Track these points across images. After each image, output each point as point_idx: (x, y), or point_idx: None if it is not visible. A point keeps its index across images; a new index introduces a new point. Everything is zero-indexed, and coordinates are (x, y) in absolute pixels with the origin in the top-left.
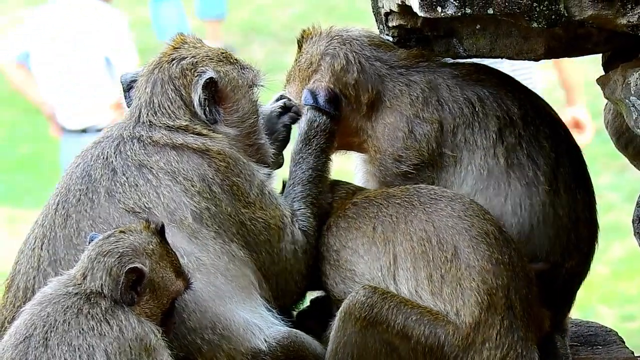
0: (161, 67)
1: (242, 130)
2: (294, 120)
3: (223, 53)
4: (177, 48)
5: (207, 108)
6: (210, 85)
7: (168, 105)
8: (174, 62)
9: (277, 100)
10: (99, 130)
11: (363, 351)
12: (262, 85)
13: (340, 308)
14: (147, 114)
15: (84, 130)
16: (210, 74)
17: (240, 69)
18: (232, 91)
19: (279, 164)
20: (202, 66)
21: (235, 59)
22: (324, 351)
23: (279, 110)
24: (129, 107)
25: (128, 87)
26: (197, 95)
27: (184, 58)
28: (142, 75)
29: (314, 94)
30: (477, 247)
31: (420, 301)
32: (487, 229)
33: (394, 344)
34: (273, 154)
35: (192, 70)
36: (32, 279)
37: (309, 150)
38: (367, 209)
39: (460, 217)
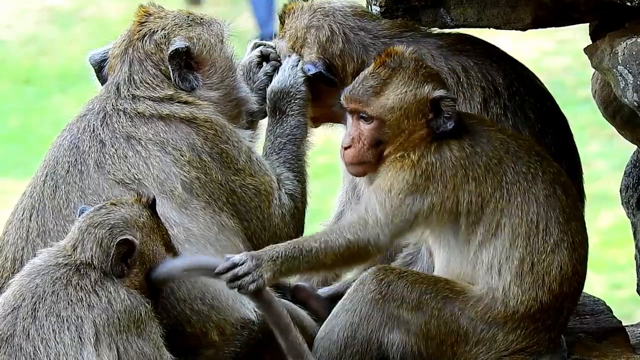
0: (134, 45)
1: (224, 89)
2: (276, 68)
3: (189, 15)
4: (143, 23)
5: (183, 77)
6: (182, 55)
7: (151, 80)
8: (145, 38)
9: (254, 48)
10: None
11: (364, 321)
12: (231, 35)
13: (358, 279)
14: (128, 89)
15: None
16: (177, 44)
17: (208, 26)
18: (207, 53)
19: (263, 112)
20: (174, 36)
21: (201, 18)
22: (312, 323)
23: (257, 59)
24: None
25: (99, 67)
26: (169, 67)
27: (154, 32)
28: (114, 56)
29: (314, 65)
30: (573, 251)
31: (496, 276)
32: (584, 236)
33: (404, 319)
34: (256, 101)
35: (167, 43)
36: (20, 250)
37: (289, 115)
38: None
39: (572, 209)
